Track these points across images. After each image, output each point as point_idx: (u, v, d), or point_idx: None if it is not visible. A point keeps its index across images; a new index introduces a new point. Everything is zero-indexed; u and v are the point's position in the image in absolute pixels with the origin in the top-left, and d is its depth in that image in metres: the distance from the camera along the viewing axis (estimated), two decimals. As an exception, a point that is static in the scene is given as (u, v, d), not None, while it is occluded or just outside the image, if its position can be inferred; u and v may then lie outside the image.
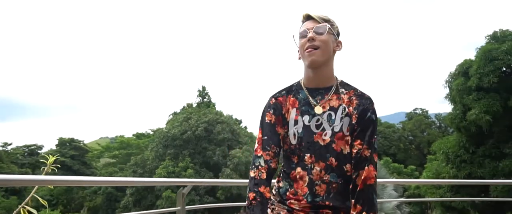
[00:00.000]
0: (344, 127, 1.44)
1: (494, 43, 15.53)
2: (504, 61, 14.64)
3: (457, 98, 16.38)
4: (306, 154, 1.45)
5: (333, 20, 1.52)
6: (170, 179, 3.67)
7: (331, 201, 1.42)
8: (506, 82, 14.72)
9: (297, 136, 1.48)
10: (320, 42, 1.45)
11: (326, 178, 1.43)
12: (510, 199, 13.61)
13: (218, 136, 28.28)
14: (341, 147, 1.43)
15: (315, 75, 1.50)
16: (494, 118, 14.67)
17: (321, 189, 1.43)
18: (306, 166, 1.45)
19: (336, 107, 1.46)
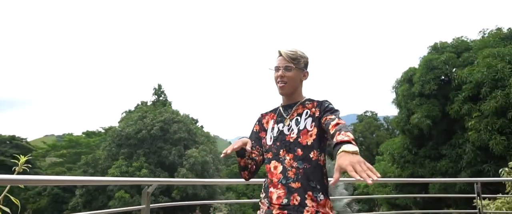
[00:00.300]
0: (307, 125, 1.91)
1: (435, 53, 16.91)
2: (442, 70, 16.01)
3: (402, 103, 17.59)
4: (280, 150, 1.92)
5: (301, 55, 1.98)
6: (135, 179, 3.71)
7: (299, 181, 1.83)
8: (444, 90, 16.08)
9: (273, 138, 1.99)
10: (288, 78, 1.96)
11: (295, 164, 1.86)
12: (447, 195, 14.92)
13: (174, 136, 27.95)
14: (306, 140, 1.88)
15: (286, 99, 2.06)
16: (433, 122, 15.95)
17: (292, 173, 1.85)
18: (280, 158, 1.91)
19: (302, 112, 1.96)
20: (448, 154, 16.24)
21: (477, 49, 15.55)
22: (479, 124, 13.62)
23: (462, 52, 16.35)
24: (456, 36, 17.70)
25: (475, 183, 5.12)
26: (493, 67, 13.31)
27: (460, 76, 14.89)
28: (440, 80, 16.34)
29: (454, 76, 15.56)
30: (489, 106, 13.07)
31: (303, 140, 1.88)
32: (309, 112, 1.93)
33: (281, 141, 1.93)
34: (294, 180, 1.82)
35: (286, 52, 1.94)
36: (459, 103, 14.87)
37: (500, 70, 13.08)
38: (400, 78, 18.36)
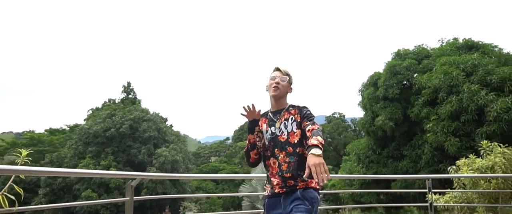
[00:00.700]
0: (294, 128, 2.50)
1: (398, 59, 17.92)
2: (404, 76, 17.02)
3: (368, 106, 18.48)
4: (275, 148, 2.52)
5: (290, 74, 2.68)
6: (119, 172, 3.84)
7: (290, 172, 2.44)
8: (406, 94, 17.10)
9: (268, 139, 2.57)
10: (281, 85, 2.60)
11: (287, 159, 2.47)
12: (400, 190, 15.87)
13: (144, 134, 27.66)
14: (293, 139, 2.48)
15: (275, 103, 2.65)
16: (396, 124, 16.91)
17: (285, 167, 2.46)
18: (275, 155, 2.51)
19: (288, 118, 2.55)
20: (408, 154, 17.26)
21: (436, 56, 16.67)
22: (436, 126, 14.63)
23: (423, 59, 17.46)
24: (418, 44, 18.86)
25: (427, 180, 5.71)
26: (449, 74, 14.36)
27: (420, 82, 15.91)
28: (403, 85, 17.36)
29: (415, 81, 16.60)
30: (445, 110, 14.09)
31: (291, 140, 2.49)
32: (293, 117, 2.55)
33: (275, 141, 2.54)
34: (286, 172, 2.46)
35: (283, 69, 2.67)
36: (419, 107, 15.88)
37: (455, 77, 14.14)
38: (366, 82, 19.25)
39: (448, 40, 17.99)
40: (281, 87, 2.61)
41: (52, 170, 2.65)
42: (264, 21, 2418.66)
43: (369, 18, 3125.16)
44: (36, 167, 2.38)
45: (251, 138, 2.61)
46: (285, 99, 2.68)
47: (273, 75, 2.66)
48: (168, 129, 32.76)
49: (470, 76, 14.25)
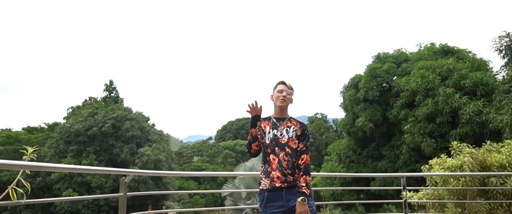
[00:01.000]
0: (293, 136, 2.93)
1: (378, 62, 18.54)
2: (384, 78, 17.64)
3: (349, 107, 19.03)
4: (276, 147, 2.90)
5: (293, 88, 3.08)
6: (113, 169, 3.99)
7: (289, 169, 2.81)
8: (385, 96, 17.71)
9: (270, 139, 2.94)
10: (287, 98, 3.00)
11: (286, 158, 2.84)
12: (375, 187, 16.44)
13: (127, 133, 27.47)
14: (292, 145, 2.89)
15: (280, 112, 3.04)
16: (375, 125, 17.50)
17: (285, 164, 2.82)
18: (276, 153, 2.88)
19: (289, 126, 2.97)
20: (387, 154, 17.88)
21: (414, 60, 17.34)
22: (414, 128, 15.26)
23: (402, 62, 18.12)
24: (397, 48, 19.53)
25: (402, 178, 6.10)
26: (426, 78, 15.01)
27: (398, 85, 16.54)
28: (382, 87, 17.97)
29: (394, 84, 17.23)
30: (422, 112, 14.72)
31: (291, 144, 2.91)
32: (295, 128, 2.98)
33: (276, 142, 2.94)
34: (286, 168, 2.82)
35: (288, 83, 3.06)
36: (397, 109, 16.50)
37: (431, 81, 14.79)
38: (347, 84, 19.81)
39: (426, 45, 18.73)
40: (287, 100, 3.04)
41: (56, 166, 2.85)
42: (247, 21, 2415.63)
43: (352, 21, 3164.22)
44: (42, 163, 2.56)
45: (253, 131, 2.98)
46: (287, 109, 3.11)
47: (280, 88, 3.04)
48: (150, 128, 32.58)
49: (445, 80, 14.93)
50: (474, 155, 6.12)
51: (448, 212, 5.97)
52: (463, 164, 6.10)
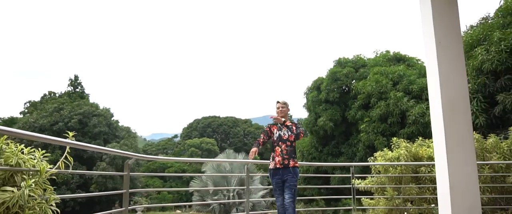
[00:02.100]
0: (291, 132, 4.67)
1: (339, 67, 20.15)
2: (344, 82, 19.25)
3: (311, 108, 20.49)
4: (279, 142, 4.65)
5: (287, 104, 4.88)
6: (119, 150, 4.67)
7: (288, 154, 4.58)
8: (344, 98, 19.33)
9: (276, 137, 4.69)
10: (280, 111, 4.82)
11: (286, 149, 4.60)
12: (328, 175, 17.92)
13: (94, 129, 27.43)
14: (290, 139, 4.65)
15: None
16: (335, 125, 19.05)
17: (285, 152, 4.59)
18: (280, 145, 4.63)
19: (290, 126, 4.69)
20: (345, 151, 19.50)
21: (370, 66, 19.07)
22: (368, 127, 16.90)
23: (360, 67, 19.82)
24: (356, 54, 21.25)
25: (351, 167, 7.38)
26: (380, 82, 16.69)
27: (356, 88, 18.16)
28: (342, 90, 19.58)
29: (352, 87, 18.85)
30: (375, 113, 16.37)
31: (290, 138, 4.63)
32: (292, 127, 4.65)
33: (280, 138, 4.66)
34: (285, 154, 4.56)
35: (282, 101, 4.85)
36: (355, 110, 18.11)
37: (384, 85, 16.49)
38: (311, 86, 21.28)
39: (381, 52, 20.57)
40: (280, 112, 4.79)
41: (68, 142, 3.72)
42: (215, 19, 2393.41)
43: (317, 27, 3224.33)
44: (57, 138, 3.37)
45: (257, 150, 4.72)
46: (287, 116, 4.85)
47: (277, 105, 4.85)
48: (117, 125, 32.54)
49: (396, 85, 16.69)
50: (408, 148, 7.51)
51: (388, 194, 7.29)
52: (400, 156, 7.47)
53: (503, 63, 9.11)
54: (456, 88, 3.63)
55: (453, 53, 3.67)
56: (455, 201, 3.49)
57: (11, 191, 2.40)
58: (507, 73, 9.20)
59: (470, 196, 3.49)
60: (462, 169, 3.51)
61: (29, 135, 2.86)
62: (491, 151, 7.31)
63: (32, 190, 2.53)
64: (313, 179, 21.72)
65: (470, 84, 9.96)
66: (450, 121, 3.57)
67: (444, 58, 3.65)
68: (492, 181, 7.10)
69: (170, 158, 15.15)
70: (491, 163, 6.91)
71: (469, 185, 3.49)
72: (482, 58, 9.43)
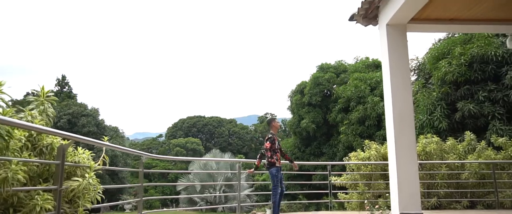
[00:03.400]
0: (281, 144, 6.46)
1: (321, 72, 21.35)
2: (326, 86, 20.46)
3: (295, 110, 21.63)
4: (278, 149, 6.12)
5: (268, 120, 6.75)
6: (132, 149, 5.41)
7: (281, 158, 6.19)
8: (326, 102, 20.52)
9: (277, 145, 6.13)
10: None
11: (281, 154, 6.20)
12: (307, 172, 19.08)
13: (83, 129, 27.80)
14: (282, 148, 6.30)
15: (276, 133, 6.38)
16: (317, 127, 20.21)
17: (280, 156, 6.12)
18: (277, 152, 6.06)
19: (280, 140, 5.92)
20: (327, 152, 20.68)
21: (351, 72, 20.33)
22: (348, 129, 18.11)
23: (341, 73, 21.06)
24: (338, 59, 22.52)
25: (328, 166, 8.46)
26: (359, 87, 17.93)
27: (337, 92, 19.37)
28: (324, 94, 20.77)
29: (334, 91, 20.07)
30: (354, 116, 17.59)
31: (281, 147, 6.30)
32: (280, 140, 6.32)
33: (279, 148, 6.10)
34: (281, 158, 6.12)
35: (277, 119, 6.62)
36: (335, 113, 19.32)
37: (363, 90, 17.74)
38: (294, 89, 22.42)
39: (361, 58, 21.86)
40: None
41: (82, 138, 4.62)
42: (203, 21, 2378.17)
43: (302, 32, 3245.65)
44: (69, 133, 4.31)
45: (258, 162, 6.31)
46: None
47: (279, 123, 6.45)
48: (105, 125, 32.95)
49: (374, 90, 17.96)
50: (378, 150, 8.64)
51: (359, 189, 8.40)
52: (371, 156, 8.59)
53: (463, 75, 10.36)
54: (404, 103, 4.72)
55: (402, 76, 4.77)
56: (401, 189, 4.58)
57: (78, 180, 3.32)
58: (466, 84, 10.45)
59: (412, 186, 4.59)
60: (407, 166, 4.61)
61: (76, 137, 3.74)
62: (449, 151, 8.51)
63: (90, 181, 3.45)
64: (297, 177, 22.85)
65: (435, 93, 11.22)
66: (399, 129, 4.66)
67: (395, 80, 4.75)
68: (449, 177, 8.25)
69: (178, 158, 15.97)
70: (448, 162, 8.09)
71: (411, 178, 4.59)
72: (445, 70, 10.66)
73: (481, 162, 7.91)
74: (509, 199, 7.91)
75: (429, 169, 8.27)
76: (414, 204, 4.61)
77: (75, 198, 3.37)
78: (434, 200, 7.83)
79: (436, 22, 5.00)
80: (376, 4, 4.86)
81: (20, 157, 2.86)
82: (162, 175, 40.33)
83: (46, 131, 3.06)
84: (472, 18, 5.04)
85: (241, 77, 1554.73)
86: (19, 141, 2.91)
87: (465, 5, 4.62)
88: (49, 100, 3.72)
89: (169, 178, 39.73)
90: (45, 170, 3.23)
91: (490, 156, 7.99)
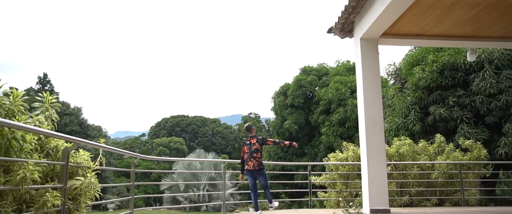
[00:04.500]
0: (257, 144, 5.96)
1: (304, 74, 21.94)
2: (308, 88, 21.05)
3: (278, 111, 22.14)
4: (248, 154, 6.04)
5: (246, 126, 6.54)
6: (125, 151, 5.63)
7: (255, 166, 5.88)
8: (308, 104, 21.12)
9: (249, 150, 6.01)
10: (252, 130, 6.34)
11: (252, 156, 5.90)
12: (288, 172, 19.64)
13: (65, 128, 27.58)
14: (257, 148, 5.93)
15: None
16: (300, 127, 20.77)
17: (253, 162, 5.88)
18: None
19: (255, 140, 5.98)
20: (309, 152, 21.26)
21: (332, 75, 20.99)
22: (329, 130, 18.73)
23: (322, 76, 21.71)
24: (320, 62, 23.14)
25: (308, 166, 8.96)
26: (339, 90, 18.58)
27: (319, 94, 19.99)
28: (306, 96, 21.36)
29: (315, 94, 20.69)
30: (335, 118, 18.22)
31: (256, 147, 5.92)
32: (258, 140, 5.93)
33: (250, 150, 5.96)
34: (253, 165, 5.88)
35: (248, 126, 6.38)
36: (317, 114, 19.92)
37: (343, 93, 18.39)
38: (278, 91, 22.94)
39: (343, 62, 22.54)
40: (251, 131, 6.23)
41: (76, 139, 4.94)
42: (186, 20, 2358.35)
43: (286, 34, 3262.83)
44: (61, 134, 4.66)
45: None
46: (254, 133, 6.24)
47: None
48: (88, 124, 32.69)
49: (354, 93, 18.62)
50: (355, 151, 9.19)
51: (338, 188, 8.92)
52: (348, 157, 9.13)
53: (435, 81, 11.04)
54: (374, 110, 5.24)
55: (373, 86, 5.29)
56: (371, 188, 5.10)
57: (81, 179, 3.66)
58: (438, 90, 11.14)
59: (381, 185, 5.11)
60: (377, 167, 5.12)
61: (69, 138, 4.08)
62: (421, 153, 9.13)
63: (92, 180, 3.80)
64: (279, 177, 23.38)
65: (409, 97, 11.89)
66: (370, 134, 5.17)
67: (367, 89, 5.26)
68: (420, 177, 8.85)
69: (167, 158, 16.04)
70: (419, 163, 8.69)
71: (380, 178, 5.11)
72: (419, 76, 11.33)
73: (449, 163, 8.51)
74: (474, 197, 8.56)
75: (402, 169, 8.85)
76: (383, 201, 5.14)
77: (77, 195, 3.72)
78: (406, 198, 8.39)
79: (405, 37, 5.54)
80: (351, 19, 5.36)
81: (32, 158, 3.19)
82: (145, 175, 40.24)
83: (53, 134, 3.39)
84: (437, 34, 5.60)
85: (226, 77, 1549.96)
86: (30, 144, 3.24)
87: (430, 22, 5.16)
88: (53, 106, 4.01)
89: (152, 178, 39.66)
90: (50, 170, 3.56)
91: (457, 157, 8.62)
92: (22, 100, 3.39)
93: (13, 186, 2.84)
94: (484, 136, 9.72)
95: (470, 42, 5.92)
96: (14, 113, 3.16)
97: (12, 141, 3.01)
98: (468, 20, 5.03)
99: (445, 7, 4.50)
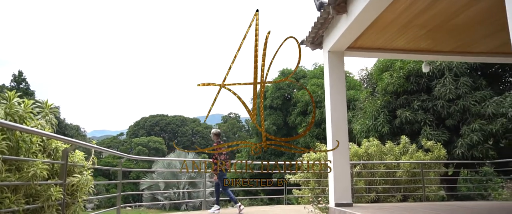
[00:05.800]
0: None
1: (282, 77, 22.65)
2: (286, 90, 21.77)
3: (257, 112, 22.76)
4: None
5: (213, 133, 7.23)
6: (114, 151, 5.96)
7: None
8: (286, 105, 21.83)
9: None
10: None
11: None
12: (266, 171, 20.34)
13: (42, 127, 27.27)
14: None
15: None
16: (278, 128, 21.45)
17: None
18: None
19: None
20: (286, 152, 21.96)
21: (309, 78, 21.76)
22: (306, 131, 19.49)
23: (300, 78, 22.46)
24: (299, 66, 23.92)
25: (284, 165, 9.58)
26: (316, 92, 19.35)
27: (296, 97, 20.73)
28: (284, 97, 22.07)
29: (293, 96, 21.43)
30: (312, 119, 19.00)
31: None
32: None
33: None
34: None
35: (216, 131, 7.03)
36: (295, 115, 20.65)
37: (319, 95, 19.17)
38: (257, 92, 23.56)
39: (320, 65, 23.37)
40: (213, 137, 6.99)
41: (67, 139, 5.39)
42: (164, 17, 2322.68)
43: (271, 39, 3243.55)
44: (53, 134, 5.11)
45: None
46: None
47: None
48: (65, 123, 32.31)
49: (330, 96, 19.47)
50: (327, 151, 9.90)
51: (311, 186, 9.60)
52: (320, 156, 9.84)
53: (402, 86, 11.90)
54: (340, 114, 5.90)
55: (339, 93, 5.95)
56: (337, 184, 5.75)
57: (78, 177, 4.13)
58: (404, 94, 12.02)
59: (345, 182, 5.77)
60: (341, 166, 5.78)
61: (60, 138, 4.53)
62: (387, 153, 9.92)
63: (89, 177, 4.27)
64: (258, 176, 23.96)
65: (379, 101, 12.73)
66: (336, 136, 5.83)
67: (334, 95, 5.92)
68: (386, 175, 9.63)
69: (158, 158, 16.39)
70: (386, 162, 9.46)
71: (344, 175, 5.78)
72: (387, 81, 12.17)
73: (413, 162, 9.32)
74: (434, 193, 9.42)
75: (370, 168, 9.61)
76: (346, 196, 5.81)
77: (74, 191, 4.18)
78: (373, 195, 9.15)
79: (367, 50, 6.24)
80: (320, 34, 6.01)
81: (37, 157, 3.64)
82: (124, 174, 39.99)
83: (55, 137, 3.84)
84: (396, 48, 6.32)
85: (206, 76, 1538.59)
86: (36, 146, 3.70)
87: (388, 39, 5.87)
88: (52, 111, 4.45)
89: (130, 176, 39.54)
90: (51, 168, 4.01)
91: (420, 157, 9.45)
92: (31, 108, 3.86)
93: (25, 182, 3.30)
94: (444, 137, 10.61)
95: (426, 56, 6.67)
96: (25, 118, 3.61)
97: (21, 142, 3.47)
98: (420, 37, 5.77)
99: (399, 27, 5.20)
